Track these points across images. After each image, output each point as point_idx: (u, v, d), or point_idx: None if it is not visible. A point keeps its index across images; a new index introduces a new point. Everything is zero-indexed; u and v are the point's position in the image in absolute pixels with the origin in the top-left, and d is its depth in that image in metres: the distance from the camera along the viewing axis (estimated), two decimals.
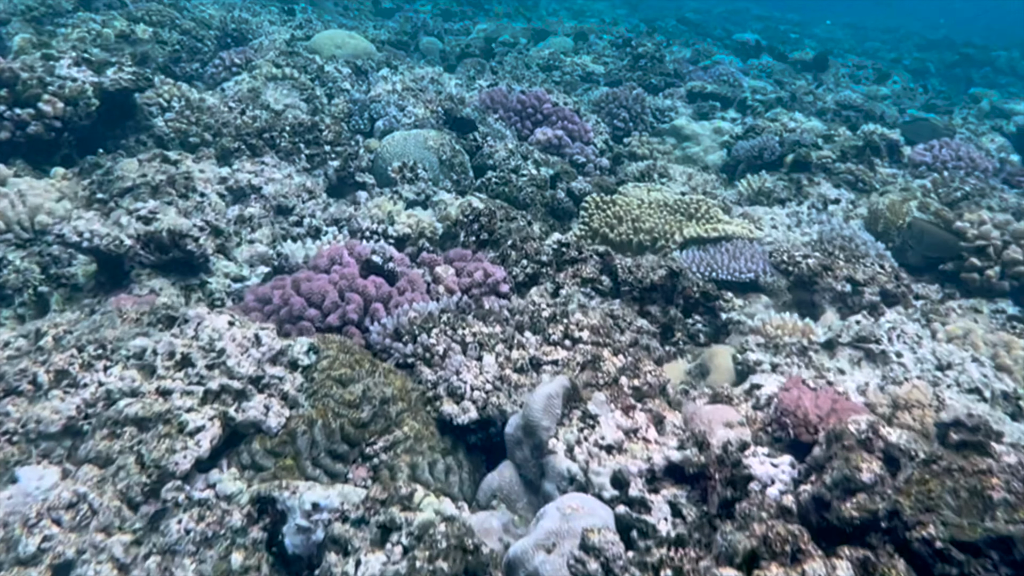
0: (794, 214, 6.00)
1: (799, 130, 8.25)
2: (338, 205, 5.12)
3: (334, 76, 7.81)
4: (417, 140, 6.37)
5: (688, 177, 6.76)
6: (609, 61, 12.01)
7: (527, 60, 12.09)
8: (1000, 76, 17.25)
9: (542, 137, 7.22)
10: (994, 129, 9.84)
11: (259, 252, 4.34)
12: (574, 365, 3.25)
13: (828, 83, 12.30)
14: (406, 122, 6.82)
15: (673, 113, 9.44)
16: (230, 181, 4.93)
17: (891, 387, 3.74)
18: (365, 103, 6.94)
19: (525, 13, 19.44)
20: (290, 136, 5.49)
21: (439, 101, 7.13)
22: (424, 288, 3.81)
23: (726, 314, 4.39)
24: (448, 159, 6.34)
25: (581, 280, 4.23)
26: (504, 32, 14.36)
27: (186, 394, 2.89)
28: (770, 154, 7.51)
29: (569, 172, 6.58)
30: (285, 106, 6.47)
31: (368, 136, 6.86)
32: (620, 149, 7.98)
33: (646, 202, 5.91)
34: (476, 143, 6.91)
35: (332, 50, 9.21)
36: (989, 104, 11.96)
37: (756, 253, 5.12)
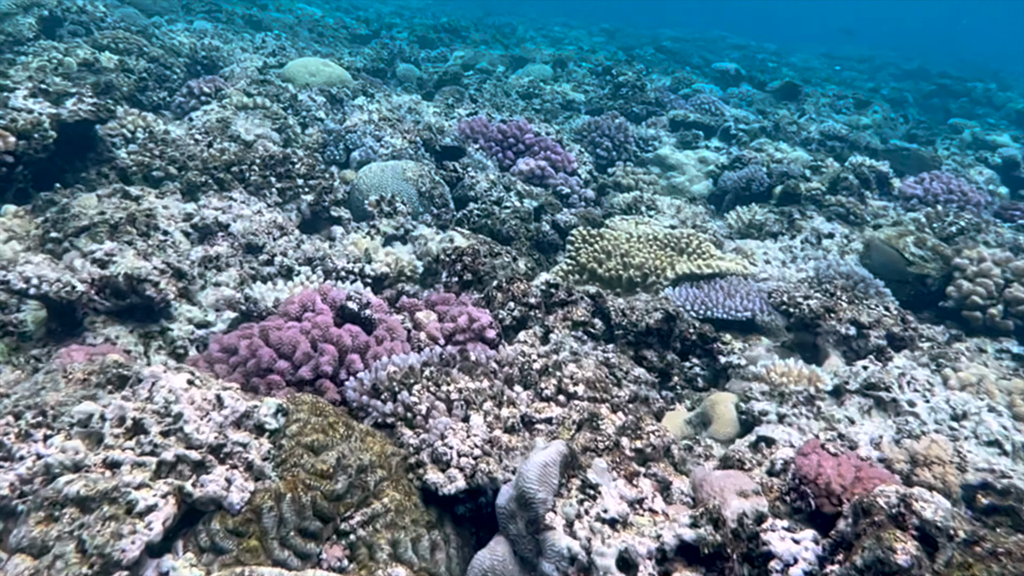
0: (787, 248, 5.77)
1: (786, 161, 8.08)
2: (312, 241, 4.82)
3: (308, 105, 7.53)
4: (395, 171, 6.10)
5: (677, 209, 6.54)
6: (590, 89, 11.84)
7: (506, 88, 11.89)
8: (977, 107, 17.31)
9: (524, 168, 6.97)
10: (979, 161, 9.74)
11: (226, 296, 4.02)
12: (570, 424, 2.97)
13: (810, 113, 12.20)
14: (383, 153, 6.55)
15: (657, 142, 9.25)
16: (196, 218, 4.62)
17: (907, 441, 3.48)
18: (340, 133, 6.66)
19: (502, 40, 19.33)
20: (260, 169, 5.19)
21: (417, 131, 6.87)
22: (404, 336, 3.51)
23: (725, 357, 4.13)
24: (427, 191, 6.07)
25: (572, 323, 3.95)
26: (482, 59, 14.19)
27: (137, 467, 2.57)
28: (758, 185, 7.32)
29: (554, 204, 6.33)
30: (256, 137, 6.18)
31: (344, 167, 6.57)
32: (605, 179, 7.76)
33: (635, 236, 5.66)
34: (456, 174, 6.65)
35: (306, 78, 8.94)
36: (971, 135, 11.91)
37: (752, 291, 4.88)
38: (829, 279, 5.08)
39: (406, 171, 6.09)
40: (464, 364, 3.19)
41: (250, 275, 4.36)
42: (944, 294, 5.43)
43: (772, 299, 4.49)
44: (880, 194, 7.36)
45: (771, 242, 5.92)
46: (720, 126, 10.45)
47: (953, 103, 17.82)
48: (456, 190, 6.45)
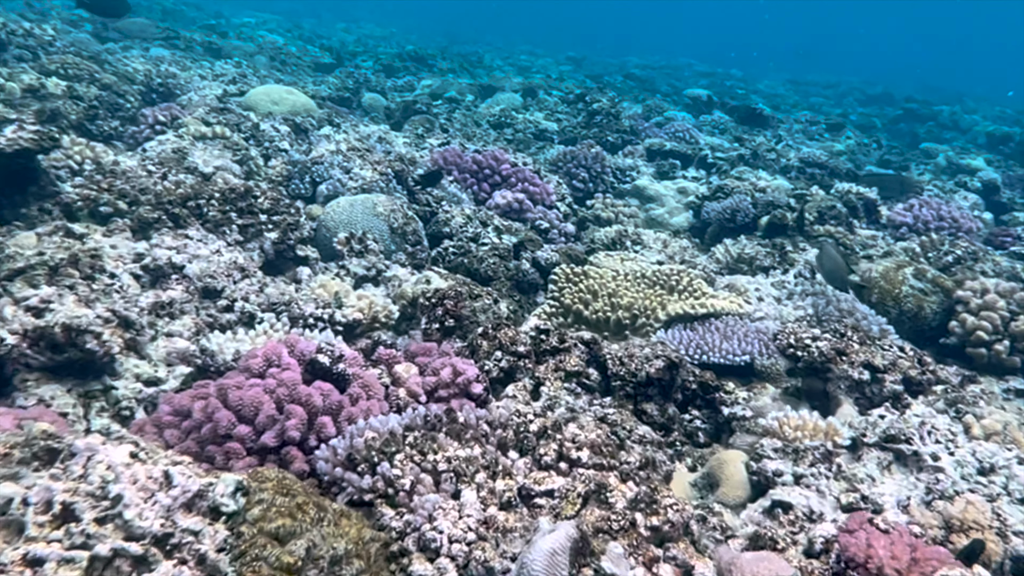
0: (780, 284, 5.48)
1: (769, 189, 7.84)
2: (276, 284, 4.41)
3: (271, 135, 7.14)
4: (365, 206, 5.72)
5: (663, 244, 6.23)
6: (563, 118, 11.58)
7: (476, 117, 11.59)
8: (944, 131, 17.39)
9: (501, 201, 6.63)
10: (959, 185, 9.62)
11: (179, 348, 3.60)
12: (574, 497, 2.59)
13: (786, 139, 12.06)
14: (352, 186, 6.17)
15: (635, 172, 8.99)
16: (147, 259, 4.19)
17: (940, 503, 3.16)
18: (306, 165, 6.28)
19: (470, 69, 19.10)
20: (220, 204, 4.78)
21: (388, 162, 6.51)
22: (382, 394, 3.12)
23: (729, 408, 3.79)
24: (400, 227, 5.70)
25: (564, 374, 3.59)
26: (450, 88, 13.91)
27: (64, 564, 2.14)
28: (743, 216, 7.05)
29: (534, 240, 5.99)
30: (215, 169, 5.77)
31: (310, 202, 6.18)
32: (584, 212, 7.45)
33: (622, 274, 5.34)
34: (430, 208, 6.29)
35: (268, 106, 8.55)
36: (945, 159, 11.84)
37: (749, 332, 4.56)
38: (829, 316, 4.78)
39: (377, 206, 5.72)
40: (452, 427, 2.80)
41: (207, 323, 3.94)
42: (945, 329, 5.18)
43: (778, 341, 4.17)
44: (868, 222, 7.13)
45: (763, 277, 5.62)
46: (697, 155, 10.23)
47: (920, 127, 17.90)
48: (430, 226, 6.09)
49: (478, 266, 5.52)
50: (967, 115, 18.16)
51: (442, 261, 5.69)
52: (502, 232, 5.99)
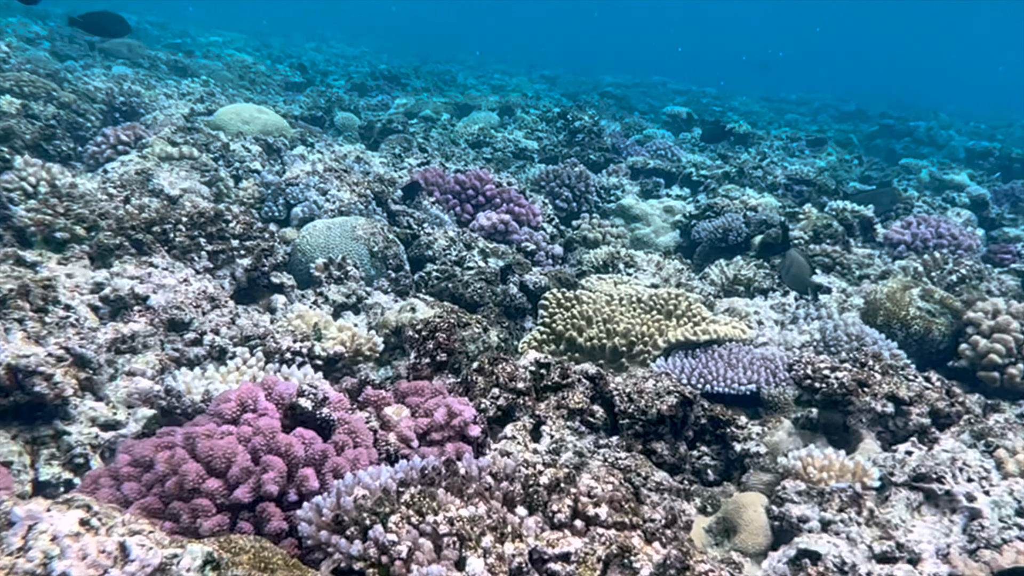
0: (780, 307, 5.22)
1: (760, 208, 7.62)
2: (249, 314, 4.06)
3: (242, 155, 6.79)
4: (343, 229, 5.40)
5: (657, 266, 5.95)
6: (543, 136, 11.34)
7: (454, 136, 11.31)
8: (921, 146, 17.41)
9: (486, 222, 6.34)
10: (947, 201, 9.48)
11: (141, 388, 3.24)
12: (593, 562, 2.28)
13: (771, 156, 11.91)
14: (329, 208, 5.84)
15: (619, 191, 8.75)
16: (107, 289, 3.83)
17: (986, 553, 2.89)
18: (280, 186, 5.94)
19: (443, 88, 18.86)
20: (188, 229, 4.42)
21: (367, 183, 6.19)
22: (370, 440, 2.79)
23: (741, 444, 3.49)
24: (381, 251, 5.38)
25: (567, 412, 3.28)
26: (425, 107, 13.64)
27: None
28: (736, 236, 6.82)
29: (522, 263, 5.69)
30: (182, 191, 5.41)
31: (283, 225, 5.84)
32: (571, 233, 7.17)
33: (616, 298, 5.05)
34: (412, 231, 5.98)
35: (239, 126, 8.20)
36: (929, 175, 11.74)
37: (754, 359, 4.28)
38: (837, 342, 4.52)
39: (356, 229, 5.40)
40: (452, 481, 2.48)
41: (173, 359, 3.58)
42: (953, 352, 4.95)
43: (794, 372, 3.89)
44: (864, 240, 6.92)
45: (762, 300, 5.36)
46: (681, 173, 10.03)
47: (897, 143, 17.92)
48: (412, 249, 5.78)
49: (463, 291, 5.21)
50: (943, 130, 18.20)
51: (425, 286, 5.37)
52: (488, 255, 5.69)
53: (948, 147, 17.47)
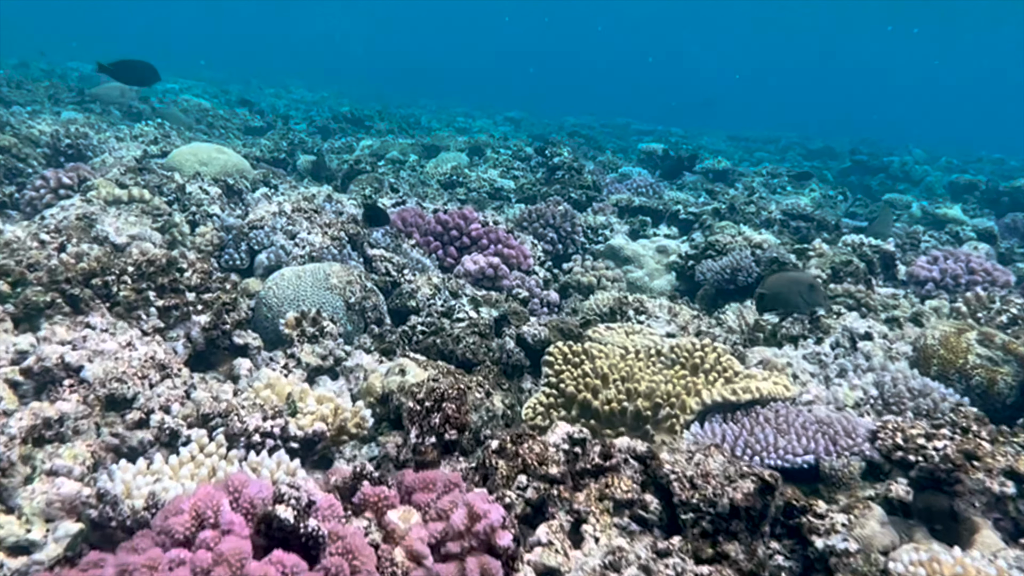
0: (815, 356, 4.64)
1: (766, 245, 7.10)
2: (208, 384, 3.35)
3: (199, 198, 6.10)
4: (315, 278, 4.72)
5: (671, 313, 5.33)
6: (519, 175, 10.79)
7: (424, 176, 10.72)
8: (897, 183, 17.21)
9: (473, 267, 5.70)
10: (952, 236, 9.07)
11: (65, 493, 2.51)
12: None
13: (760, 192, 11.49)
14: (298, 254, 5.16)
15: (608, 231, 8.19)
16: (30, 358, 3.11)
17: None
18: (242, 231, 5.25)
19: (409, 130, 18.34)
20: (134, 281, 3.71)
21: (340, 224, 5.52)
22: (373, 562, 2.10)
23: (822, 539, 2.84)
24: (358, 301, 4.71)
25: (613, 504, 2.62)
26: (392, 149, 13.05)
27: None
28: (746, 276, 6.26)
29: (519, 313, 5.04)
30: (130, 238, 4.70)
31: (247, 275, 5.14)
32: (564, 278, 6.56)
33: (632, 351, 4.43)
34: (391, 278, 5.32)
35: (195, 167, 7.51)
36: (920, 210, 11.40)
37: (807, 422, 3.67)
38: (899, 398, 3.93)
39: (330, 277, 4.73)
40: None
41: (111, 448, 2.86)
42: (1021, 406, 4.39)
43: (880, 442, 3.27)
44: (886, 279, 6.41)
45: (791, 348, 4.77)
46: (667, 211, 9.52)
47: (871, 179, 17.71)
48: (392, 299, 5.11)
49: (455, 347, 4.55)
50: (917, 166, 18.06)
51: (410, 342, 4.70)
52: (479, 304, 5.04)
53: (924, 182, 17.31)
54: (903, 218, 11.51)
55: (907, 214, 11.65)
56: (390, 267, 5.48)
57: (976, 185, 13.80)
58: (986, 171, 19.02)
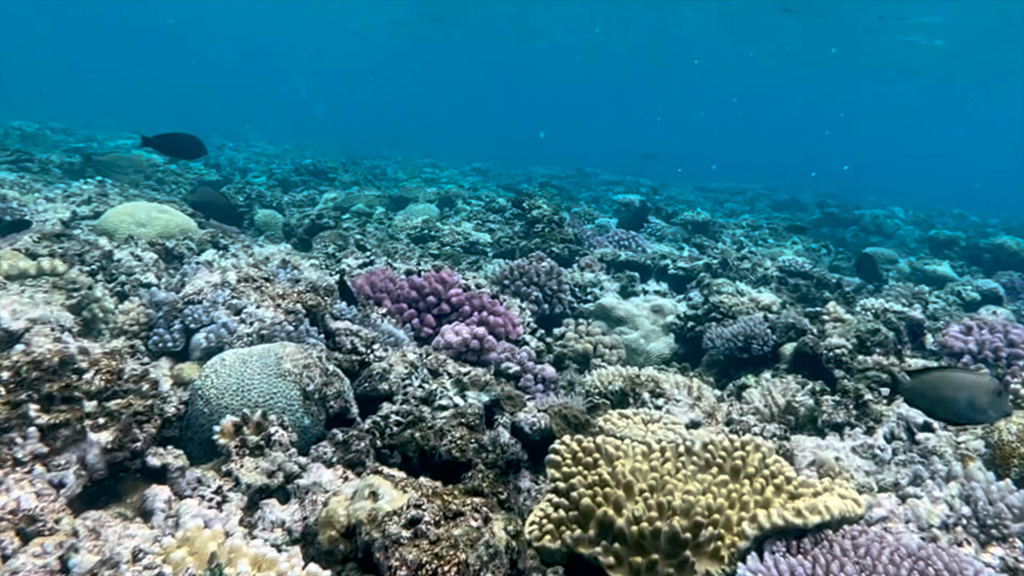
0: (867, 450, 3.83)
1: (774, 307, 6.35)
2: (103, 535, 2.44)
3: (129, 266, 5.21)
4: (265, 362, 3.84)
5: (690, 393, 4.48)
6: (495, 227, 10.01)
7: (393, 230, 9.90)
8: (870, 235, 16.72)
9: (455, 338, 4.85)
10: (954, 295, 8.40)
11: None
12: None
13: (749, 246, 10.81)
14: (245, 332, 4.27)
15: (598, 289, 7.40)
16: None
17: None
18: (175, 306, 4.35)
19: (374, 181, 17.56)
20: (11, 391, 2.81)
21: (296, 295, 4.65)
22: None
23: None
24: (318, 389, 3.84)
25: None
26: (357, 201, 12.23)
27: None
28: (760, 344, 5.49)
29: (513, 397, 4.17)
30: (30, 323, 3.79)
31: (181, 359, 4.24)
32: (557, 347, 5.73)
33: (655, 449, 3.59)
34: (359, 356, 4.46)
35: (131, 228, 6.62)
36: (909, 266, 10.79)
37: (898, 558, 2.83)
38: (998, 519, 3.12)
39: (283, 360, 3.85)
40: None
41: None
42: None
43: None
44: (913, 348, 5.66)
45: (836, 439, 3.97)
46: (656, 265, 8.77)
47: (844, 232, 17.23)
48: (360, 382, 4.24)
49: (437, 443, 3.69)
50: (888, 219, 17.62)
51: (382, 435, 3.82)
52: (465, 387, 4.18)
53: (896, 235, 16.86)
54: (891, 273, 10.91)
55: (895, 270, 11.06)
56: (357, 343, 4.61)
57: (955, 241, 13.35)
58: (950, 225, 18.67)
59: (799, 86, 53.83)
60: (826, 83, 49.97)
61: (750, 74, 49.10)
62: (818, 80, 48.61)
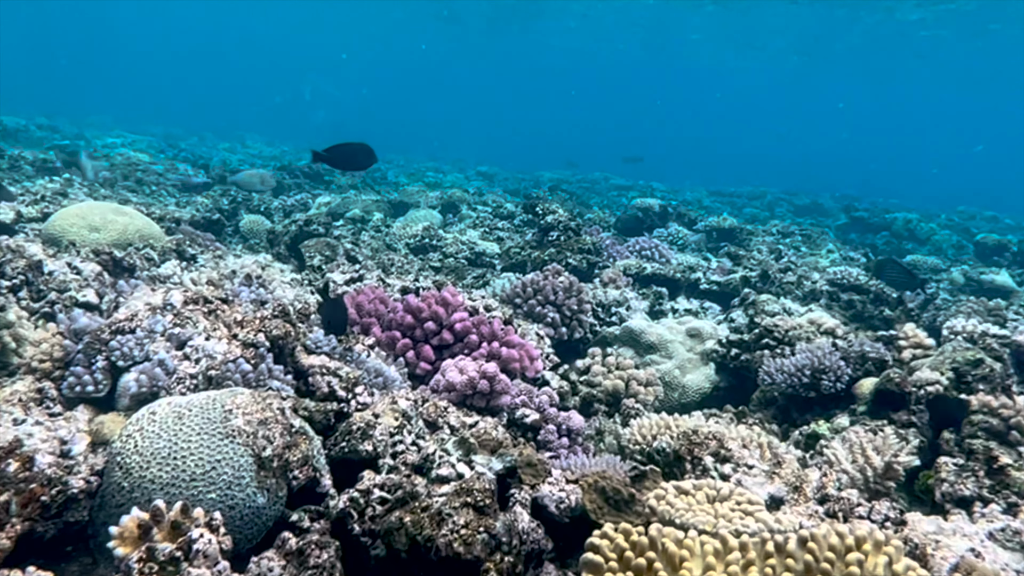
0: (1014, 537, 2.86)
1: (839, 331, 5.37)
2: None
3: (62, 280, 4.25)
4: (208, 418, 2.88)
5: (768, 457, 3.48)
6: (504, 236, 9.04)
7: (391, 239, 8.93)
8: (903, 241, 15.71)
9: (458, 378, 3.87)
10: None
11: None
12: None
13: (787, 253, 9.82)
14: (188, 373, 3.30)
15: (623, 309, 6.43)
16: None
17: None
18: (99, 336, 3.38)
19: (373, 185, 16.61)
20: None
21: (259, 321, 3.67)
22: None
23: None
24: (277, 455, 2.88)
25: None
26: (353, 206, 11.29)
27: None
28: (832, 380, 4.51)
29: (534, 465, 3.19)
30: None
31: (105, 408, 3.27)
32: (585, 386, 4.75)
33: (732, 545, 2.62)
34: (335, 403, 3.49)
35: (82, 233, 5.67)
36: (963, 275, 9.80)
37: None
38: None
39: (232, 415, 2.89)
40: None
41: None
42: None
43: None
44: (1019, 379, 4.69)
45: (965, 520, 3.00)
46: (686, 280, 7.81)
47: (874, 237, 16.23)
48: (335, 441, 3.27)
49: (434, 533, 2.72)
50: (923, 224, 16.61)
51: (360, 518, 2.86)
52: (471, 448, 3.20)
53: (931, 241, 15.83)
54: (942, 285, 9.91)
55: (947, 279, 10.05)
56: (336, 384, 3.64)
57: (1005, 246, 12.33)
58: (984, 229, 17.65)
59: (811, 82, 52.92)
60: (838, 81, 49.14)
61: (760, 71, 48.22)
62: (829, 77, 47.75)
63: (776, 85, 55.60)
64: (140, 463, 2.77)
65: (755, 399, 5.11)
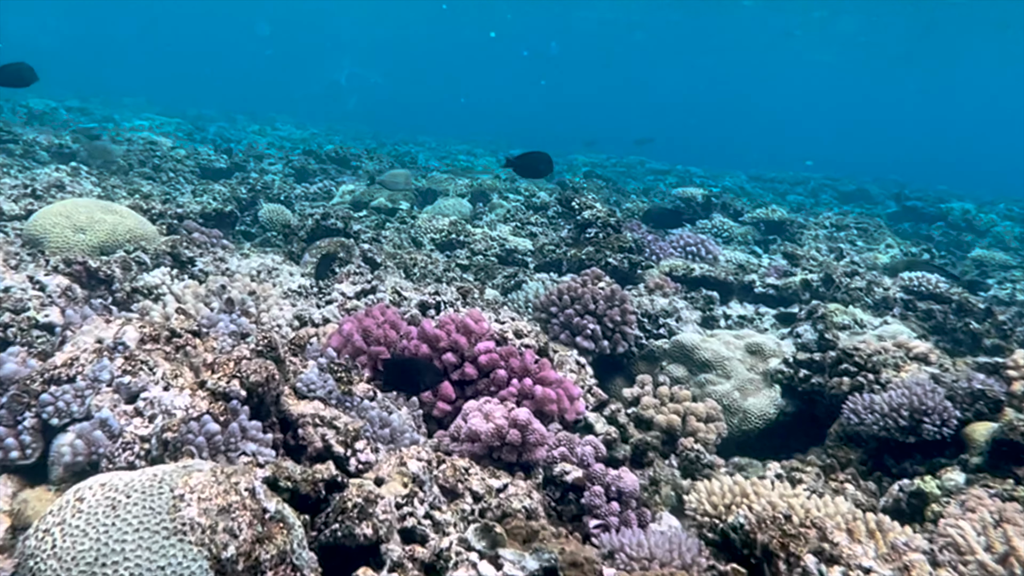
0: None
1: (932, 357, 4.56)
2: None
3: (21, 298, 3.60)
4: (151, 507, 2.20)
5: (885, 550, 2.69)
6: (538, 231, 8.28)
7: (416, 233, 8.22)
8: (961, 232, 14.64)
9: (483, 426, 3.15)
10: None
11: None
12: None
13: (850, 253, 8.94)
14: (137, 435, 2.61)
15: (672, 320, 5.66)
16: None
17: None
18: (27, 386, 2.70)
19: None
20: None
21: (237, 362, 2.95)
22: None
23: None
24: (243, 554, 2.19)
25: None
26: (379, 194, 10.59)
27: None
28: (937, 424, 3.72)
29: (580, 564, 2.42)
30: None
31: (35, 478, 2.60)
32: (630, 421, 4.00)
33: None
34: (328, 472, 2.78)
35: (66, 234, 5.03)
36: None
37: None
38: None
39: (183, 503, 2.20)
40: None
41: None
42: None
43: None
44: None
45: None
46: (739, 283, 7.00)
47: (930, 228, 15.18)
48: (326, 520, 2.57)
49: None
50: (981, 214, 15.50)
51: None
52: (498, 540, 2.48)
53: (992, 233, 14.74)
54: (1019, 286, 8.98)
55: None
56: (331, 438, 2.93)
57: None
58: None
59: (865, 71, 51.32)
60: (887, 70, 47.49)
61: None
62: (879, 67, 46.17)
63: (829, 72, 54.02)
64: (57, 570, 2.10)
65: (833, 433, 4.34)
